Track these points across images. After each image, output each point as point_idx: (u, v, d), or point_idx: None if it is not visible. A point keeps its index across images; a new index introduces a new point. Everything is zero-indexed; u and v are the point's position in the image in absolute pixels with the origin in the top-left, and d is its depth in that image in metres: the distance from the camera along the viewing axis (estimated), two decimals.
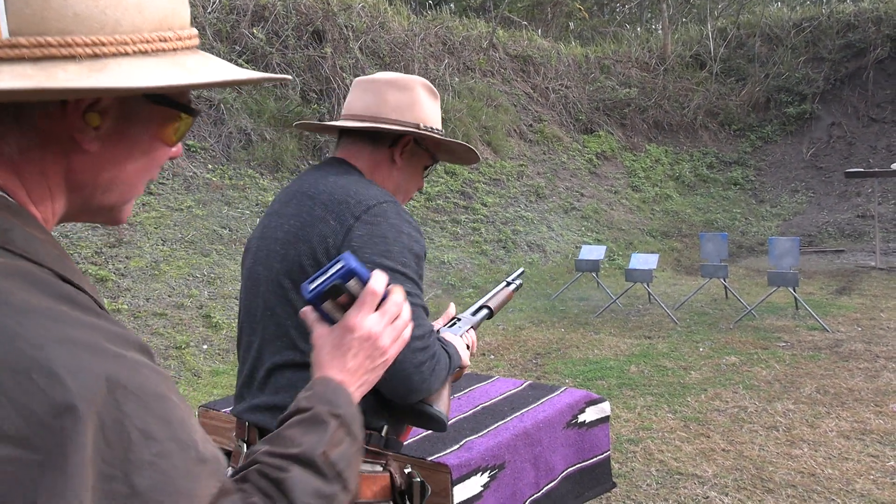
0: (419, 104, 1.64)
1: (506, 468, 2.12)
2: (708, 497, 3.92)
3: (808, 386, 5.68)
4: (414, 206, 10.46)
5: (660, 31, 19.80)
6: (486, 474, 2.05)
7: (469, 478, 1.98)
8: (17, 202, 0.71)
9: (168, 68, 0.72)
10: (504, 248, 10.68)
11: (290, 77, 0.83)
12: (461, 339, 1.78)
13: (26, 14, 0.65)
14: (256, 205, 8.70)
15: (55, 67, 0.66)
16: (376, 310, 0.99)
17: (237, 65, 9.27)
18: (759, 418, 5.05)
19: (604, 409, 2.53)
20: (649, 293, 8.85)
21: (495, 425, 2.21)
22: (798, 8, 20.14)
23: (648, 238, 12.77)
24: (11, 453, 0.57)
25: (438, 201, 10.86)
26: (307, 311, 1.01)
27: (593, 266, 9.17)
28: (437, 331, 1.79)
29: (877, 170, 12.36)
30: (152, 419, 0.65)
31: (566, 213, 12.45)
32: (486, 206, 11.30)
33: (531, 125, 14.34)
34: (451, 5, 18.62)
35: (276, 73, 9.75)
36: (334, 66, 10.47)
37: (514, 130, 13.78)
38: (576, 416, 2.44)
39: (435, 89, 1.75)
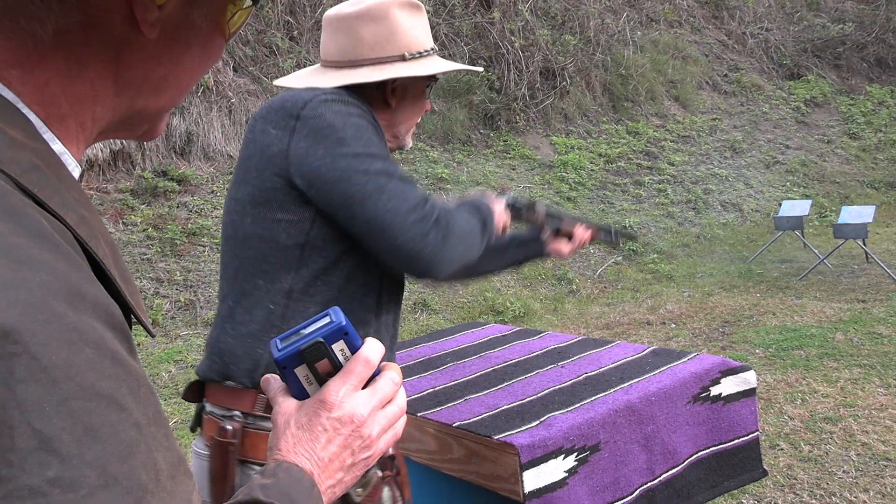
0: (399, 31, 1.45)
1: (602, 450, 1.73)
2: None
3: None
4: (592, 170, 9.91)
5: None
6: (573, 457, 1.67)
7: (546, 461, 1.61)
8: (12, 96, 0.51)
9: None
10: (694, 209, 9.83)
11: None
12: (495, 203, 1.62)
13: None
14: (426, 177, 8.63)
15: None
16: (365, 387, 0.73)
17: None
18: None
19: (747, 379, 2.03)
20: (865, 251, 7.69)
21: (591, 398, 1.81)
22: None
23: (869, 190, 11.22)
24: None
25: (619, 163, 10.20)
26: (269, 379, 0.76)
27: (796, 223, 8.15)
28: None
29: None
30: (66, 423, 0.41)
31: (767, 169, 11.24)
32: (673, 165, 10.47)
33: (726, 75, 13.12)
34: None
35: (444, 43, 9.63)
36: (503, 31, 10.14)
37: (706, 82, 12.67)
38: (707, 389, 1.97)
39: (416, 1, 1.52)
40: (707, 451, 1.98)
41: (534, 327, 6.43)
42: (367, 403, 0.72)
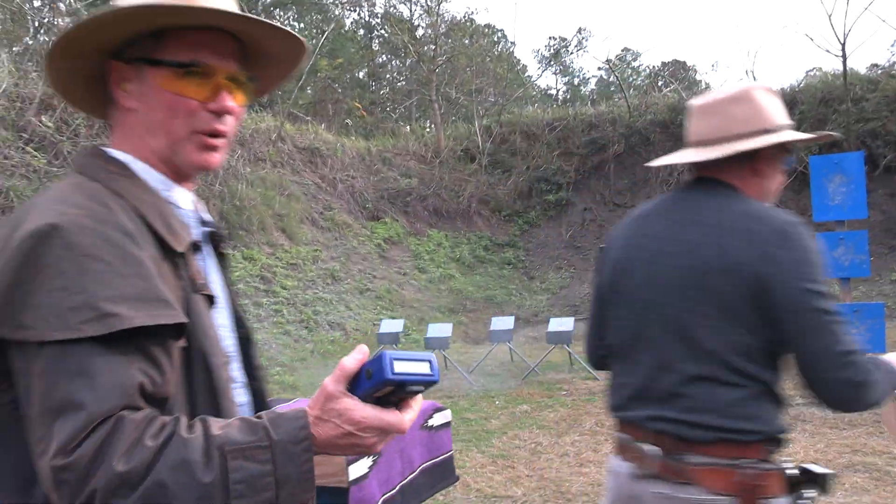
0: (761, 108, 1.69)
1: (382, 455, 2.63)
2: None
3: (588, 422, 6.67)
4: None
5: (433, 129, 21.56)
6: (371, 458, 2.55)
7: (359, 460, 2.47)
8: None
9: None
10: (307, 327, 11.05)
11: None
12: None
13: None
14: None
15: None
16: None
17: (25, 152, 9.03)
18: (552, 449, 5.88)
19: (446, 415, 3.12)
20: (446, 359, 9.65)
21: None
22: (549, 110, 22.97)
23: (438, 314, 13.73)
24: None
25: (238, 286, 11.05)
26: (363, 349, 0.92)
27: (393, 339, 9.85)
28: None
29: None
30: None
31: (361, 294, 13.09)
32: (286, 289, 11.66)
33: (322, 213, 14.98)
34: None
35: (69, 161, 9.62)
36: None
37: (307, 218, 14.33)
38: (426, 420, 3.01)
39: (768, 86, 1.78)
40: (428, 462, 2.99)
41: None
42: (373, 414, 0.87)
